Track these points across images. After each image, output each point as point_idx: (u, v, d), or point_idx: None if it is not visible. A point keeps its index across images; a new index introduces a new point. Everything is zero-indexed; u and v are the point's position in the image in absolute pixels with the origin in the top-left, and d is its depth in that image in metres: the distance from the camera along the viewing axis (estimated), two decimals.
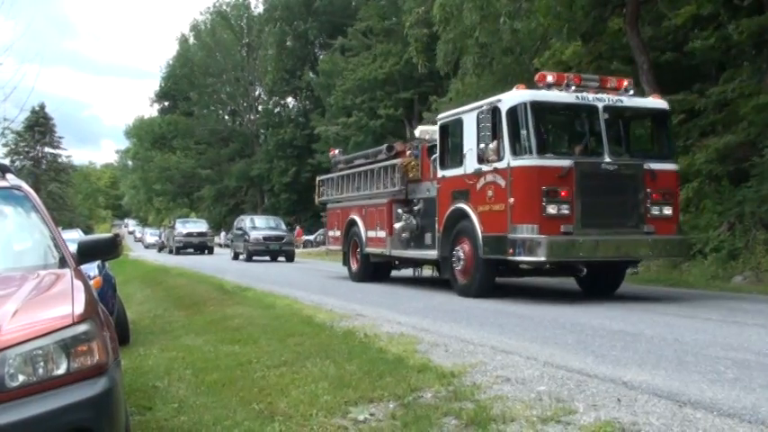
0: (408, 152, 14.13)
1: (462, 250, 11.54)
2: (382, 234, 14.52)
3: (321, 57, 60.48)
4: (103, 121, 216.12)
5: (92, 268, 8.21)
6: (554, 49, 22.54)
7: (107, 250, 4.41)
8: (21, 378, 2.81)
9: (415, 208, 13.75)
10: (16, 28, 67.32)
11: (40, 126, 73.51)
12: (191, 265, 25.65)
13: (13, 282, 3.55)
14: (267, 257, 30.47)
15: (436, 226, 12.44)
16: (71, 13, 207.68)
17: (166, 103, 79.82)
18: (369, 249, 15.23)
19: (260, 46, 67.83)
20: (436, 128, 13.03)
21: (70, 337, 2.92)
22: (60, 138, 78.23)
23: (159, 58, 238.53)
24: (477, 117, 11.14)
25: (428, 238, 13.18)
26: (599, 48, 21.59)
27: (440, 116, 12.95)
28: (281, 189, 61.42)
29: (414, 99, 46.97)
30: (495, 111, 10.81)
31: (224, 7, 72.78)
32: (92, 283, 6.88)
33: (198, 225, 43.32)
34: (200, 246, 40.40)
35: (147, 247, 59.08)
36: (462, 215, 11.57)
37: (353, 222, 15.98)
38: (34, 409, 2.75)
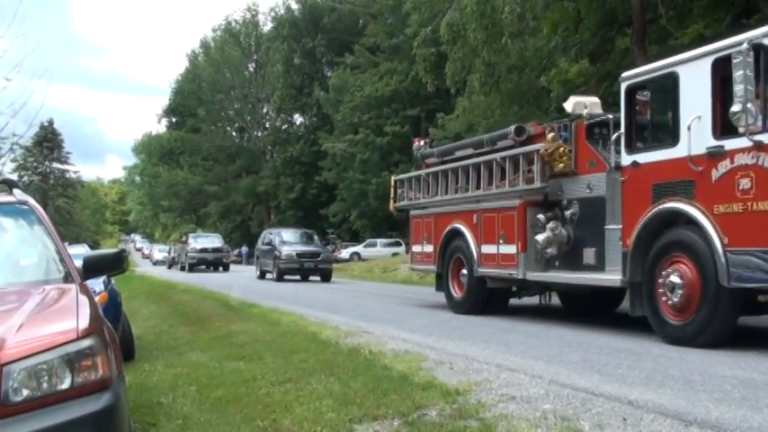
0: (550, 135, 10.23)
1: (678, 274, 7.77)
2: (509, 250, 10.74)
3: (330, 73, 60.78)
4: (108, 137, 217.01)
5: (97, 283, 8.24)
6: (560, 67, 22.60)
7: (113, 265, 4.43)
8: (25, 392, 2.81)
9: (567, 213, 9.97)
10: (26, 45, 67.86)
11: (48, 141, 73.96)
12: (213, 285, 25.61)
13: (19, 296, 3.57)
14: (297, 276, 26.91)
15: (612, 237, 8.97)
16: (77, 29, 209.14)
17: (174, 119, 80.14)
18: (484, 270, 11.30)
19: (268, 63, 68.17)
20: (595, 99, 10.39)
21: (74, 352, 2.92)
22: (68, 153, 78.76)
23: (165, 74, 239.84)
24: (715, 65, 7.61)
25: (590, 255, 9.52)
26: (606, 67, 21.64)
27: (626, 75, 8.92)
28: (287, 206, 61.50)
29: (420, 116, 47.10)
30: (758, 51, 7.06)
31: (233, 24, 73.28)
32: (97, 298, 6.90)
33: (213, 240, 40.84)
34: (216, 262, 38.09)
35: (156, 263, 58.46)
36: (675, 219, 8.01)
37: (456, 234, 12.13)
38: (38, 424, 2.76)
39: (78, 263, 4.24)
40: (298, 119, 68.72)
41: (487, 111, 25.16)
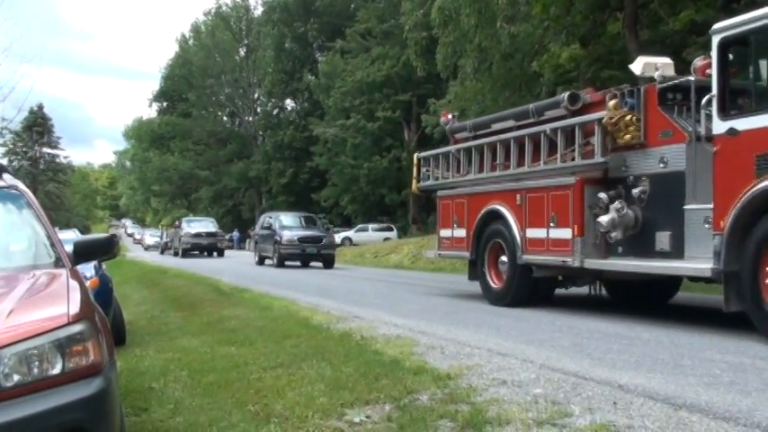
0: (611, 102, 8.98)
1: None
2: (561, 234, 9.44)
3: (321, 58, 60.59)
4: (96, 122, 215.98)
5: (88, 269, 8.22)
6: (552, 52, 22.59)
7: (103, 250, 4.41)
8: (15, 378, 2.80)
9: (634, 191, 8.66)
10: (14, 29, 67.42)
11: (38, 126, 73.72)
12: (205, 270, 25.55)
13: (9, 281, 3.55)
14: (298, 262, 25.58)
15: (694, 219, 7.88)
16: (62, 13, 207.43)
17: (165, 104, 79.84)
18: (530, 257, 10.01)
19: (259, 47, 67.92)
20: (667, 60, 8.95)
21: (65, 337, 2.91)
22: (58, 138, 78.48)
23: (155, 58, 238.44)
24: None
25: (663, 239, 8.33)
26: (597, 51, 21.65)
27: (719, 26, 7.66)
28: (278, 191, 61.43)
29: (412, 101, 47.04)
30: None
31: (224, 8, 72.89)
32: (88, 283, 6.88)
33: (207, 225, 39.54)
34: (210, 247, 37.25)
35: (148, 248, 58.10)
36: None
37: (495, 216, 10.84)
38: (29, 409, 2.75)
39: (69, 248, 4.22)
40: (289, 104, 68.55)
41: (478, 96, 25.13)
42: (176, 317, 11.61)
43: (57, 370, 2.87)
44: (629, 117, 8.74)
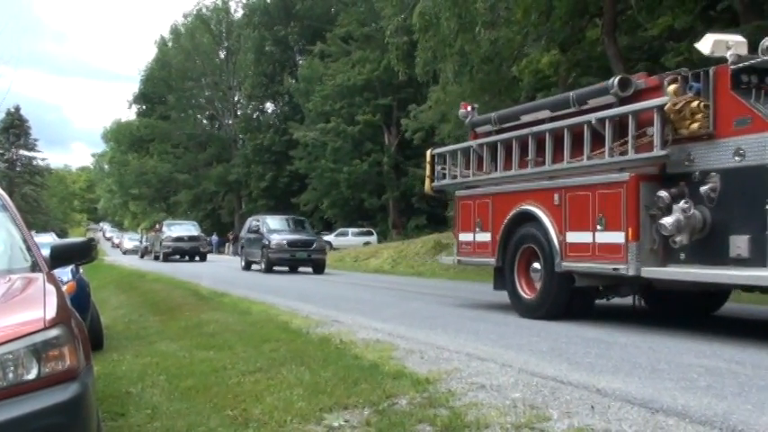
0: (671, 87, 7.91)
1: None
2: (612, 238, 8.27)
3: (301, 62, 60.53)
4: (74, 124, 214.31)
5: (65, 273, 8.14)
6: (531, 57, 22.73)
7: (81, 254, 4.37)
8: None
9: (702, 189, 7.53)
10: None
11: (14, 128, 73.04)
12: (184, 274, 25.38)
13: None
14: (286, 267, 24.66)
15: None
16: (38, 13, 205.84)
17: (144, 107, 79.37)
18: (571, 264, 8.83)
19: (239, 50, 67.69)
20: (740, 38, 7.77)
21: (41, 342, 2.89)
22: (35, 140, 77.82)
23: (134, 60, 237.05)
24: None
25: (740, 244, 7.21)
26: (576, 57, 21.81)
27: None
28: (258, 194, 61.22)
29: (392, 105, 47.11)
30: None
31: (204, 11, 72.61)
32: (65, 287, 6.83)
33: (189, 228, 38.78)
34: (192, 252, 36.28)
35: (126, 252, 57.39)
36: None
37: (526, 218, 9.67)
38: (4, 415, 2.72)
39: (45, 252, 4.18)
40: (269, 107, 68.42)
41: (459, 100, 25.20)
42: (154, 321, 11.55)
43: (32, 375, 2.84)
44: (695, 103, 7.61)
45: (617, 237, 8.23)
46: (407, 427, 4.29)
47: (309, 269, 24.33)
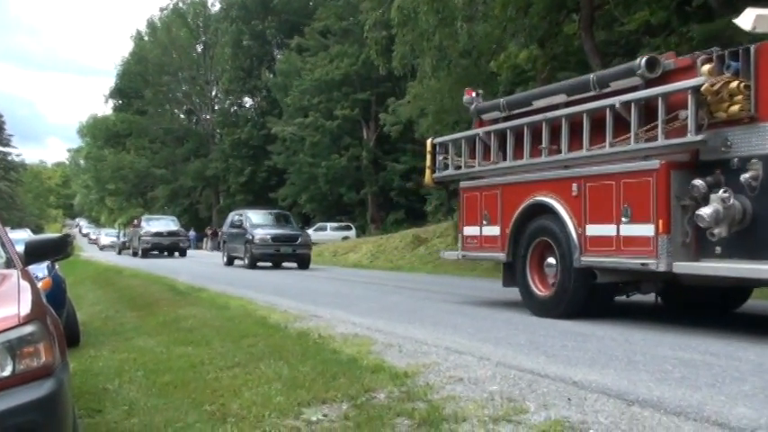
0: (706, 67, 7.33)
1: None
2: (639, 230, 7.68)
3: (279, 56, 60.34)
4: (47, 119, 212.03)
5: (41, 269, 8.08)
6: (509, 52, 22.78)
7: (56, 250, 4.34)
8: None
9: (743, 177, 6.95)
10: None
11: None
12: (162, 270, 25.20)
13: None
14: (269, 263, 24.08)
15: None
16: (11, 7, 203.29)
17: (120, 101, 78.74)
18: (591, 259, 8.27)
19: (216, 45, 67.34)
20: None
21: (16, 339, 2.87)
22: (10, 135, 76.98)
23: (110, 55, 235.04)
24: None
25: None
26: (553, 51, 21.89)
27: None
28: (236, 189, 61.00)
29: (371, 100, 47.10)
30: None
31: (180, 5, 72.10)
32: (40, 284, 6.78)
33: (168, 223, 38.03)
34: (172, 247, 35.74)
35: (103, 248, 56.73)
36: None
37: (541, 210, 9.09)
38: None
39: (20, 248, 4.15)
40: (247, 101, 68.18)
41: (437, 95, 25.24)
42: (132, 317, 11.48)
43: (7, 372, 2.82)
44: (734, 84, 6.99)
45: (645, 229, 7.62)
46: (386, 421, 4.30)
47: (293, 264, 23.95)
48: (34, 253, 4.17)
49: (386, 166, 46.73)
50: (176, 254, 35.71)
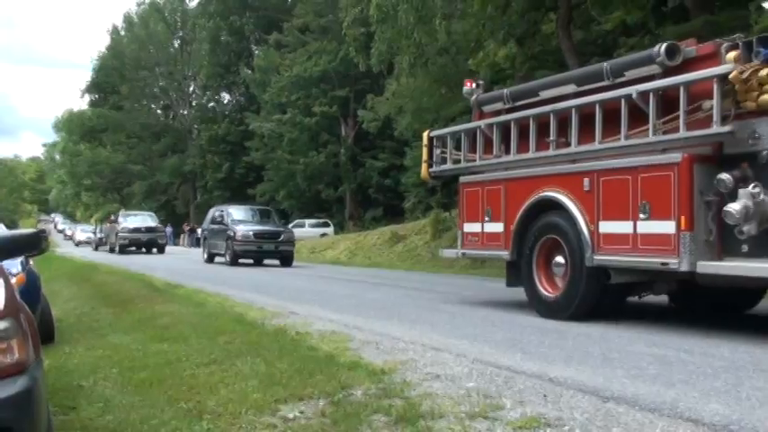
0: (731, 54, 6.98)
1: None
2: (659, 227, 7.26)
3: (257, 52, 60.12)
4: (21, 112, 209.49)
5: (15, 265, 7.97)
6: (488, 50, 22.87)
7: (30, 246, 4.28)
8: None
9: None
10: None
11: None
12: (138, 266, 25.00)
13: None
14: (251, 260, 23.74)
15: None
16: None
17: (97, 96, 78.01)
18: (606, 258, 7.83)
19: (194, 40, 66.98)
20: None
21: None
22: None
23: (85, 49, 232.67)
24: None
25: None
26: (532, 50, 22.01)
27: None
28: (214, 185, 60.72)
29: (349, 97, 47.07)
30: None
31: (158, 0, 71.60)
32: (14, 280, 6.69)
33: (146, 219, 37.47)
34: (150, 243, 35.00)
35: (79, 244, 56.07)
36: None
37: (549, 206, 8.65)
38: None
39: None
40: (225, 97, 67.91)
41: (416, 92, 25.29)
42: (107, 313, 11.38)
43: None
44: (765, 72, 6.59)
45: (666, 226, 7.17)
46: (362, 418, 4.30)
47: (275, 262, 23.61)
48: (8, 248, 4.11)
49: (364, 162, 46.73)
50: (154, 250, 35.22)
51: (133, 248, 34.93)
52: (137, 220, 36.91)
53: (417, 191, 37.94)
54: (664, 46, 7.65)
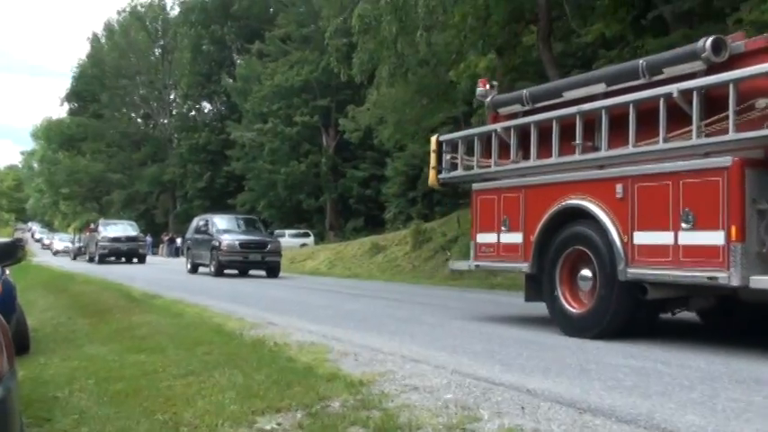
0: None
1: None
2: (705, 238, 6.63)
3: (239, 61, 60.10)
4: None
5: None
6: (469, 61, 23.00)
7: (7, 255, 4.26)
8: None
9: None
10: None
11: None
12: (117, 276, 24.78)
13: None
14: (236, 271, 23.05)
15: None
16: None
17: (76, 104, 77.53)
18: (642, 272, 7.16)
19: (175, 49, 66.83)
20: None
21: None
22: None
23: (65, 57, 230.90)
24: None
25: None
26: (513, 61, 22.17)
27: None
28: (194, 195, 60.48)
29: (331, 107, 47.13)
30: None
31: (139, 8, 71.39)
32: None
33: (126, 228, 36.88)
34: (130, 253, 34.54)
35: (57, 254, 55.43)
36: None
37: (575, 214, 7.99)
38: None
39: None
40: (206, 106, 67.77)
41: (397, 103, 25.37)
42: (84, 324, 11.28)
43: None
44: None
45: (713, 237, 6.55)
46: (340, 430, 4.29)
47: (262, 272, 23.05)
48: None
49: (345, 173, 46.79)
50: (135, 260, 34.77)
51: (113, 258, 34.50)
52: (117, 229, 36.37)
53: (398, 201, 38.03)
54: (710, 40, 7.01)
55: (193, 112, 68.07)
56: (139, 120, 74.05)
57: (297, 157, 47.63)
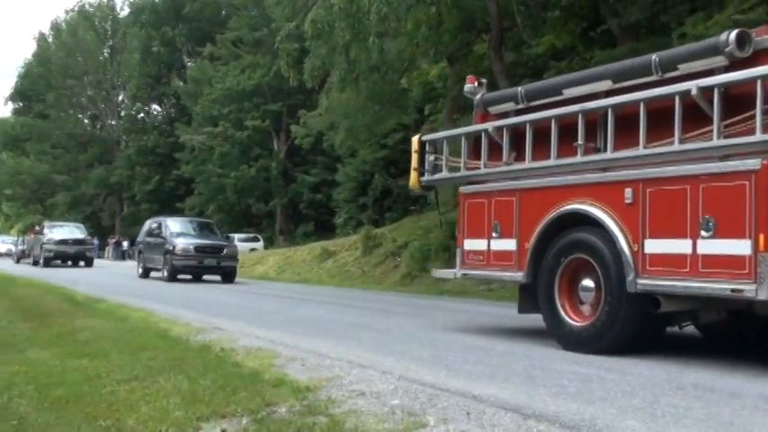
0: None
1: None
2: (727, 247, 6.12)
3: (189, 64, 59.54)
4: None
5: None
6: (421, 69, 23.16)
7: None
8: None
9: None
10: None
11: None
12: (60, 279, 24.25)
13: None
14: (189, 276, 22.30)
15: None
16: None
17: (21, 104, 75.82)
18: (654, 283, 6.63)
19: (125, 49, 65.83)
20: None
21: None
22: None
23: (9, 55, 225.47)
24: None
25: None
26: (465, 70, 22.37)
27: None
28: (142, 198, 59.65)
29: (282, 111, 46.96)
30: None
31: (87, 7, 70.22)
32: None
33: (73, 230, 35.84)
34: (77, 256, 33.64)
35: None
36: None
37: (578, 220, 7.45)
38: None
39: None
40: (155, 108, 66.99)
41: (349, 109, 25.38)
42: (24, 328, 11.00)
43: None
44: None
45: (738, 246, 6.03)
46: None
47: (220, 278, 22.33)
48: None
49: (296, 177, 46.63)
50: (81, 263, 33.88)
51: (59, 261, 33.57)
52: (63, 231, 35.25)
53: (349, 207, 38.03)
54: (734, 34, 6.43)
55: (142, 114, 67.16)
56: (86, 121, 72.69)
57: (247, 162, 47.33)
